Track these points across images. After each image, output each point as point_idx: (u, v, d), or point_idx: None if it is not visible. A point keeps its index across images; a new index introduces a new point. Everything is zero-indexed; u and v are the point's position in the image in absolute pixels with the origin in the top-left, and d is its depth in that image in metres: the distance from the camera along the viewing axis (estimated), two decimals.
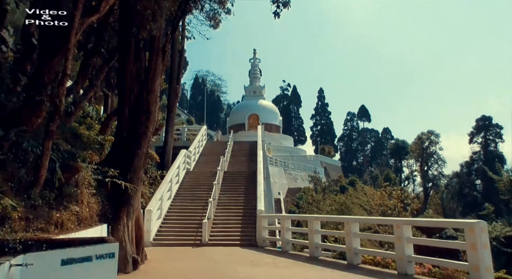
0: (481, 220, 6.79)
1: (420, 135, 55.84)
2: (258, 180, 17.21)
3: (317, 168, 47.12)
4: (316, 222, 11.17)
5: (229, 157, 23.16)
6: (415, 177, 57.40)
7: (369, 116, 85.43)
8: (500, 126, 53.49)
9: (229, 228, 14.55)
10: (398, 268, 8.07)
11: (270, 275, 7.74)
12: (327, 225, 18.90)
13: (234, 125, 56.11)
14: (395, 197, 31.20)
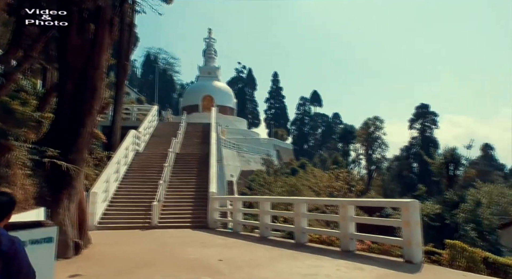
0: (415, 200, 7.39)
1: (366, 121, 58.84)
2: (211, 162, 17.13)
3: (270, 151, 47.96)
4: (266, 204, 11.44)
5: (181, 139, 22.69)
6: (360, 160, 60.68)
7: (320, 101, 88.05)
8: (436, 113, 58.04)
9: (180, 211, 14.41)
10: (341, 245, 8.57)
11: (221, 255, 7.83)
12: (277, 206, 19.41)
13: (187, 106, 54.86)
14: (342, 179, 32.89)
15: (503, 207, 29.24)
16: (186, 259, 7.57)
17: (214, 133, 21.58)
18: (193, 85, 68.51)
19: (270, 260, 7.39)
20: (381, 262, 7.08)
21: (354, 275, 6.02)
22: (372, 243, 9.14)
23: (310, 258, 7.52)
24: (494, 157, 62.34)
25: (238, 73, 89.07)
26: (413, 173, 54.61)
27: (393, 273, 6.20)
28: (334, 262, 7.10)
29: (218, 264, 6.95)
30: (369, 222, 10.78)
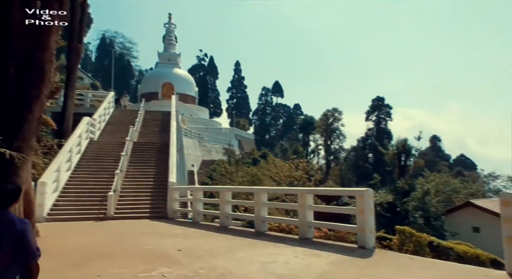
0: (369, 189, 7.70)
1: (326, 112, 60.48)
2: (171, 151, 16.75)
3: (231, 140, 47.84)
4: (227, 193, 11.42)
5: (139, 127, 21.94)
6: (319, 150, 62.44)
7: (282, 92, 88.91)
8: (390, 106, 60.89)
9: (138, 201, 14.00)
10: (299, 233, 8.78)
11: (179, 245, 7.71)
12: (238, 195, 19.52)
13: (146, 93, 53.08)
14: (302, 169, 33.66)
15: (447, 195, 31.55)
16: (143, 250, 7.37)
17: (174, 122, 21.06)
18: (152, 71, 66.15)
19: (230, 249, 7.40)
20: (336, 248, 7.34)
21: (311, 262, 6.19)
22: (328, 230, 9.48)
23: (269, 246, 7.62)
24: (441, 148, 66.80)
25: (199, 61, 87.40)
26: (369, 163, 57.15)
27: (347, 258, 6.46)
28: (293, 249, 7.26)
29: (177, 254, 6.85)
30: (326, 210, 11.18)
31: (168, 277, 5.32)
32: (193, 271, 5.64)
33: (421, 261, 6.70)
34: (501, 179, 51.93)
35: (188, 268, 5.83)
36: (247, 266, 5.93)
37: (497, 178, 52.71)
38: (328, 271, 5.58)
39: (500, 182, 51.51)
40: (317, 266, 5.90)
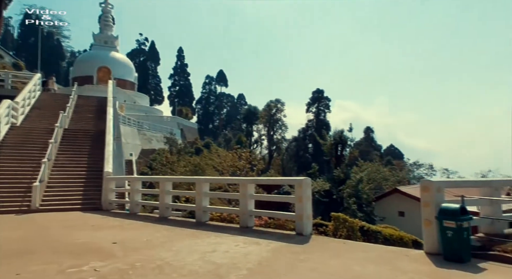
0: (307, 178, 7.99)
1: (269, 103, 61.46)
2: (107, 140, 15.79)
3: (173, 129, 46.55)
4: (168, 183, 11.11)
5: (71, 113, 20.32)
6: (262, 140, 63.48)
7: (226, 81, 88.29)
8: (329, 98, 63.67)
9: (68, 192, 13.02)
10: (241, 222, 8.86)
11: (114, 237, 7.33)
12: (180, 186, 19.10)
13: (79, 77, 49.27)
14: (245, 159, 33.86)
15: (378, 182, 34.06)
16: (73, 244, 6.87)
17: (111, 108, 19.83)
18: (87, 54, 61.34)
19: (169, 240, 7.20)
20: (276, 235, 7.53)
21: (250, 250, 6.27)
22: (269, 219, 9.68)
23: (210, 236, 7.58)
24: (374, 139, 71.74)
25: (139, 46, 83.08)
26: (309, 153, 59.44)
27: (285, 245, 6.66)
28: (233, 238, 7.29)
29: (112, 247, 6.50)
30: (267, 199, 11.40)
31: (100, 271, 5.01)
32: (129, 263, 5.39)
33: (353, 245, 7.14)
34: (424, 168, 57.61)
35: (123, 260, 5.56)
36: (186, 256, 5.82)
37: (420, 167, 58.29)
38: (267, 258, 5.69)
39: (422, 170, 57.05)
40: (256, 253, 5.98)
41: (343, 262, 5.46)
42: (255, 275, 4.83)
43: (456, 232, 5.43)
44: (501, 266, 5.19)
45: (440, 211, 5.73)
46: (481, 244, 6.13)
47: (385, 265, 5.29)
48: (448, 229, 5.53)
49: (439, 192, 6.12)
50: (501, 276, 4.76)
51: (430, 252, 5.90)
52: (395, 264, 5.34)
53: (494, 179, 16.56)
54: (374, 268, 5.16)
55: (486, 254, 5.65)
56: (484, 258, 5.52)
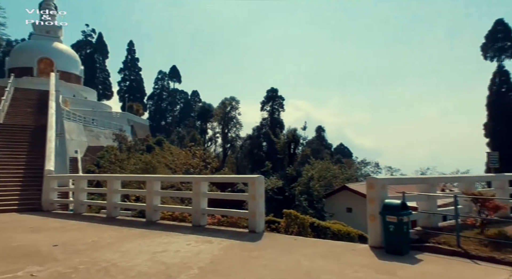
0: (261, 175, 8.08)
1: (224, 100, 61.16)
2: (49, 136, 14.75)
3: (123, 126, 44.63)
4: (116, 182, 10.65)
5: (7, 107, 18.69)
6: (217, 138, 63.01)
7: (179, 77, 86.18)
8: (283, 97, 64.85)
9: (4, 192, 11.96)
10: (193, 221, 8.73)
11: (56, 240, 6.86)
12: (129, 184, 18.40)
13: (17, 68, 45.32)
14: (198, 157, 33.40)
15: (328, 180, 35.39)
16: (7, 247, 6.32)
17: (53, 103, 18.53)
18: (26, 43, 56.54)
19: (116, 240, 6.90)
20: (228, 233, 7.53)
21: (203, 248, 6.20)
22: (222, 217, 9.64)
23: (161, 235, 7.38)
24: (325, 138, 74.35)
25: (85, 37, 78.31)
26: (263, 151, 60.09)
27: (238, 242, 6.68)
28: (185, 237, 7.17)
29: (52, 250, 6.08)
30: (221, 197, 11.36)
31: (38, 276, 4.67)
32: (71, 267, 5.07)
33: (303, 241, 7.35)
34: (370, 165, 60.96)
35: (65, 264, 5.23)
36: (135, 257, 5.61)
37: (367, 165, 61.53)
38: (219, 256, 5.66)
39: (369, 168, 60.29)
40: (208, 252, 5.93)
41: (294, 258, 5.59)
42: (206, 274, 4.79)
43: (397, 226, 5.81)
44: (435, 256, 5.64)
45: (384, 207, 6.09)
46: (419, 237, 6.61)
47: (333, 260, 5.51)
48: (390, 223, 5.89)
49: (383, 189, 6.50)
50: (434, 265, 5.17)
51: (374, 246, 6.25)
52: (342, 258, 5.58)
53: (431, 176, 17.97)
54: (322, 262, 5.35)
55: (423, 246, 6.10)
56: (421, 250, 5.96)
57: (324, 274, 4.75)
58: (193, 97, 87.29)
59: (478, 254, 5.51)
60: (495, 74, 43.78)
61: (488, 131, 42.39)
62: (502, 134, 40.64)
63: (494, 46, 44.17)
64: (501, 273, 4.76)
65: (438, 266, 5.12)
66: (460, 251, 5.71)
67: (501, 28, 44.67)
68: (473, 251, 5.63)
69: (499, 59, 44.02)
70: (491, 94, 43.18)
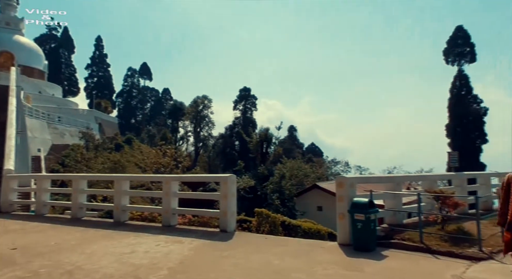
0: (232, 175, 8.06)
1: (196, 99, 60.50)
2: (8, 133, 14.00)
3: (90, 123, 43.14)
4: (82, 181, 10.27)
5: None
6: (189, 137, 62.25)
7: (150, 74, 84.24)
8: (255, 97, 65.09)
9: None
10: (163, 221, 8.57)
11: (14, 243, 6.52)
12: (97, 184, 17.83)
13: None
14: (169, 156, 32.86)
15: (300, 178, 35.90)
16: None
17: (13, 98, 17.60)
18: None
19: (82, 242, 6.65)
20: (199, 233, 7.45)
21: (172, 249, 6.10)
22: (193, 217, 9.54)
23: (129, 236, 7.19)
24: (296, 137, 75.30)
25: (50, 31, 74.81)
26: (235, 150, 60.04)
27: (209, 242, 6.63)
28: (154, 238, 7.03)
29: (11, 254, 5.77)
30: (192, 196, 11.21)
31: None
32: (31, 271, 4.83)
33: (274, 239, 7.41)
34: (340, 164, 62.46)
35: (25, 268, 4.97)
36: (101, 259, 5.43)
37: (338, 164, 63.00)
38: (189, 257, 5.60)
39: (339, 167, 61.75)
40: (178, 252, 5.85)
41: (264, 257, 5.62)
42: (176, 275, 4.72)
43: (364, 224, 5.98)
44: (400, 252, 5.86)
45: (352, 205, 6.25)
46: (385, 233, 6.84)
47: (302, 258, 5.59)
48: (358, 221, 6.05)
49: (351, 187, 6.67)
50: (398, 261, 5.37)
51: (342, 243, 6.40)
52: (311, 256, 5.67)
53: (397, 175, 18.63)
54: (292, 261, 5.41)
55: (388, 243, 6.32)
56: (387, 246, 6.17)
57: (294, 272, 4.80)
58: (164, 95, 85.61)
59: (438, 249, 5.79)
60: (456, 77, 46.09)
61: (449, 132, 44.54)
62: (461, 135, 42.86)
63: (455, 51, 46.48)
64: (459, 266, 5.01)
65: (402, 262, 5.32)
66: (422, 246, 5.96)
67: (461, 34, 47.11)
68: (434, 246, 5.90)
69: (459, 63, 46.40)
70: (452, 96, 45.41)
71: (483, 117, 44.19)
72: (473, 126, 43.53)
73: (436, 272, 4.80)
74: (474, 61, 46.52)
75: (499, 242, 6.08)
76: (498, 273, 4.72)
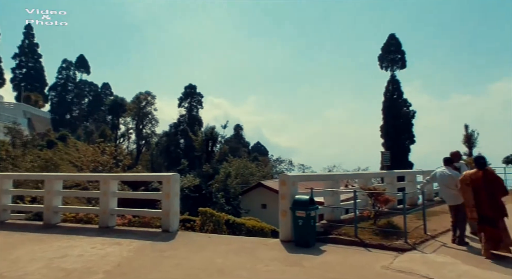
0: (176, 173, 7.90)
1: (138, 95, 58.11)
2: None
3: (18, 118, 39.40)
4: (6, 181, 9.39)
5: None
6: (130, 134, 59.57)
7: (88, 67, 78.82)
8: (201, 94, 64.29)
9: None
10: (100, 222, 8.13)
11: None
12: (25, 184, 16.32)
13: None
14: (109, 154, 31.14)
15: (245, 177, 36.21)
16: None
17: None
18: None
19: (4, 247, 6.07)
20: (140, 234, 7.19)
21: (110, 251, 5.81)
22: (133, 217, 9.15)
23: (61, 239, 6.70)
24: (242, 136, 75.82)
25: None
26: (180, 148, 58.72)
27: (149, 243, 6.42)
28: (90, 240, 6.64)
29: None
30: (133, 196, 10.78)
31: None
32: None
33: (218, 238, 7.40)
34: (285, 163, 64.25)
35: None
36: (27, 265, 5.00)
37: (282, 162, 64.77)
38: (128, 258, 5.37)
39: (284, 165, 63.50)
40: (116, 254, 5.58)
41: (207, 256, 5.60)
42: (113, 278, 4.50)
43: (305, 220, 6.22)
44: (337, 247, 6.19)
45: (294, 203, 6.47)
46: (324, 229, 7.19)
47: (245, 255, 5.66)
48: (299, 218, 6.28)
49: (294, 185, 6.90)
50: (335, 255, 5.68)
51: (284, 240, 6.60)
52: (254, 254, 5.77)
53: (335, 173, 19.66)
54: (235, 259, 5.46)
55: (327, 238, 6.65)
56: (325, 241, 6.49)
57: (236, 270, 4.85)
58: (104, 90, 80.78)
59: (371, 242, 6.23)
60: (389, 82, 49.82)
61: (383, 133, 47.99)
62: (393, 135, 46.44)
63: (388, 57, 50.21)
64: (387, 257, 5.45)
65: (338, 255, 5.63)
66: (357, 240, 6.37)
67: (394, 42, 50.99)
68: (367, 240, 6.34)
69: (392, 69, 50.21)
70: (386, 99, 49.00)
71: (411, 119, 48.30)
72: (403, 128, 47.37)
73: (367, 264, 5.15)
74: (404, 67, 50.64)
75: (421, 234, 6.73)
76: (419, 262, 5.21)
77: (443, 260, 5.35)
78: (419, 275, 4.61)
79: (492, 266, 5.08)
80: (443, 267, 4.96)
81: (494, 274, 4.73)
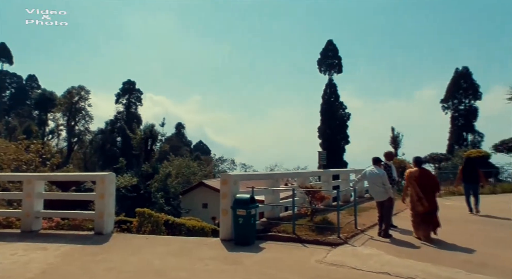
0: (111, 173, 7.50)
1: (70, 89, 53.98)
2: None
3: None
4: None
5: None
6: (60, 131, 55.11)
7: (11, 57, 71.26)
8: (141, 91, 61.69)
9: None
10: (22, 226, 7.45)
11: None
12: None
13: None
14: (34, 152, 28.46)
15: (187, 176, 35.51)
16: None
17: None
18: None
19: None
20: (69, 238, 6.71)
21: (34, 257, 5.34)
22: (62, 220, 8.49)
23: None
24: (184, 135, 74.26)
25: None
26: (117, 147, 55.75)
27: (80, 247, 6.03)
28: (10, 246, 6.05)
29: None
30: (62, 197, 10.00)
31: None
32: None
33: (156, 239, 7.18)
34: (227, 162, 64.28)
35: None
36: None
37: (225, 162, 64.70)
38: (54, 265, 4.98)
39: (226, 164, 63.48)
40: (40, 261, 5.15)
41: (144, 258, 5.41)
42: None
43: (245, 219, 6.30)
44: (275, 244, 6.38)
45: (235, 201, 6.52)
46: (264, 227, 7.35)
47: (184, 256, 5.57)
48: (240, 216, 6.34)
49: (235, 184, 6.95)
50: (273, 252, 5.85)
51: (225, 239, 6.62)
52: (194, 254, 5.70)
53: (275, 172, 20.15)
54: (174, 260, 5.35)
55: (266, 235, 6.81)
56: (265, 239, 6.64)
57: (175, 271, 4.75)
58: (30, 82, 73.60)
59: (307, 238, 6.51)
60: (327, 85, 52.50)
61: (320, 133, 50.38)
62: (330, 136, 49.03)
63: (326, 62, 52.86)
64: (321, 252, 5.74)
65: (276, 252, 5.80)
66: (294, 237, 6.62)
67: (331, 47, 53.84)
68: (304, 236, 6.62)
69: (330, 73, 52.97)
70: (324, 102, 51.53)
71: (346, 121, 51.42)
72: (339, 129, 50.21)
73: (303, 259, 5.38)
74: (341, 72, 53.69)
75: (352, 229, 7.21)
76: (349, 255, 5.58)
77: (370, 252, 5.79)
78: (348, 267, 4.94)
79: (410, 255, 5.63)
80: (370, 259, 5.37)
81: (411, 261, 5.25)
